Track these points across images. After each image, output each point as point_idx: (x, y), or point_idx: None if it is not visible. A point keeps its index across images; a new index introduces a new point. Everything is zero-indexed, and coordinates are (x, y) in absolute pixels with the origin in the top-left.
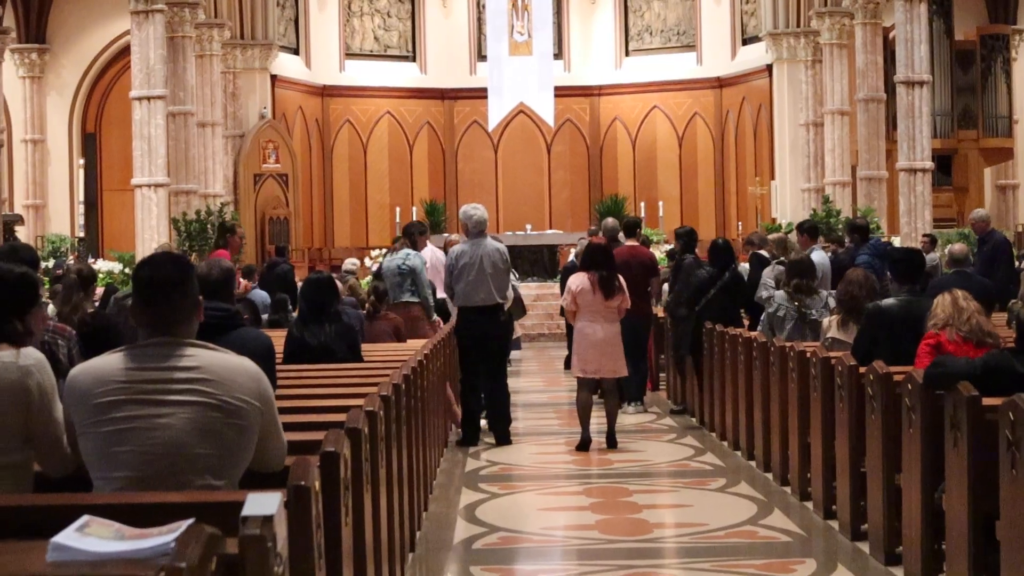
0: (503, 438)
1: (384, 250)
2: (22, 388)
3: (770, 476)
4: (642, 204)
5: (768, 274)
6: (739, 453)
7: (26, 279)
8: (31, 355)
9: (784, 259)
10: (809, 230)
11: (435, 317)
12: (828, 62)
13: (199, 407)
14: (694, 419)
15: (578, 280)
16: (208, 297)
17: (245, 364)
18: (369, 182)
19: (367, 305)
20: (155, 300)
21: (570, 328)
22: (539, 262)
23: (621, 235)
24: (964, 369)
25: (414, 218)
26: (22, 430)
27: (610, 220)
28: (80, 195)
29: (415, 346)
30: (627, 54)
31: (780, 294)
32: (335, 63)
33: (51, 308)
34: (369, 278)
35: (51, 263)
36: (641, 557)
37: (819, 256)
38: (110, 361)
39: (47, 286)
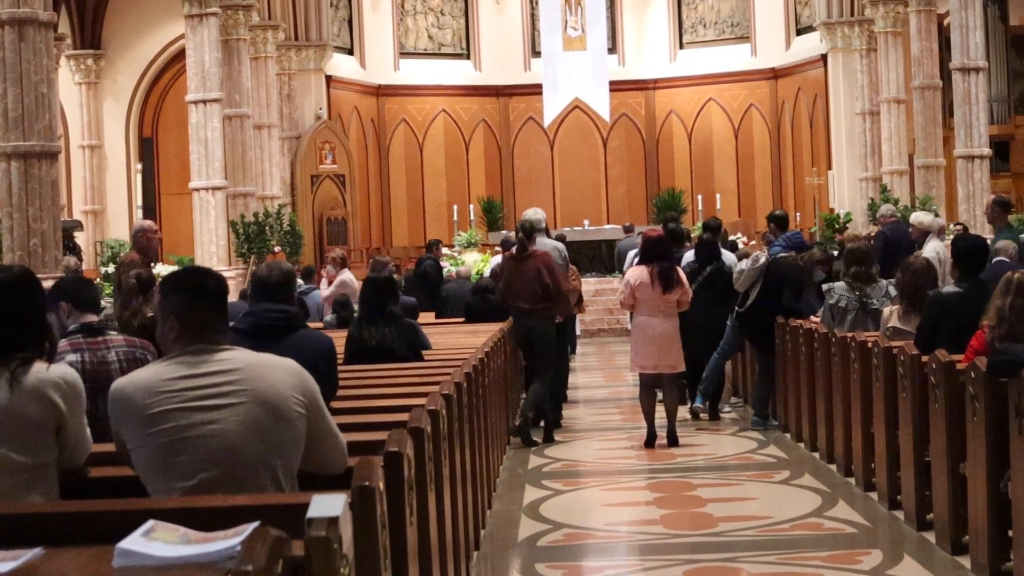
0: (547, 435)
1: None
2: (51, 401)
3: (834, 467)
4: (699, 197)
5: (735, 277)
6: (802, 445)
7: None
8: (58, 368)
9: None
10: (668, 228)
11: None
12: (883, 50)
13: (246, 407)
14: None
15: (636, 273)
16: (269, 299)
17: (285, 361)
18: (426, 181)
19: (515, 246)
20: (204, 309)
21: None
22: (597, 257)
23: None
24: None
25: (471, 216)
26: (54, 434)
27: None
28: (138, 199)
29: (476, 344)
30: (681, 47)
31: (840, 285)
32: (389, 62)
33: (110, 310)
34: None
35: (111, 268)
36: (706, 551)
37: (686, 257)
38: (154, 372)
39: (108, 292)
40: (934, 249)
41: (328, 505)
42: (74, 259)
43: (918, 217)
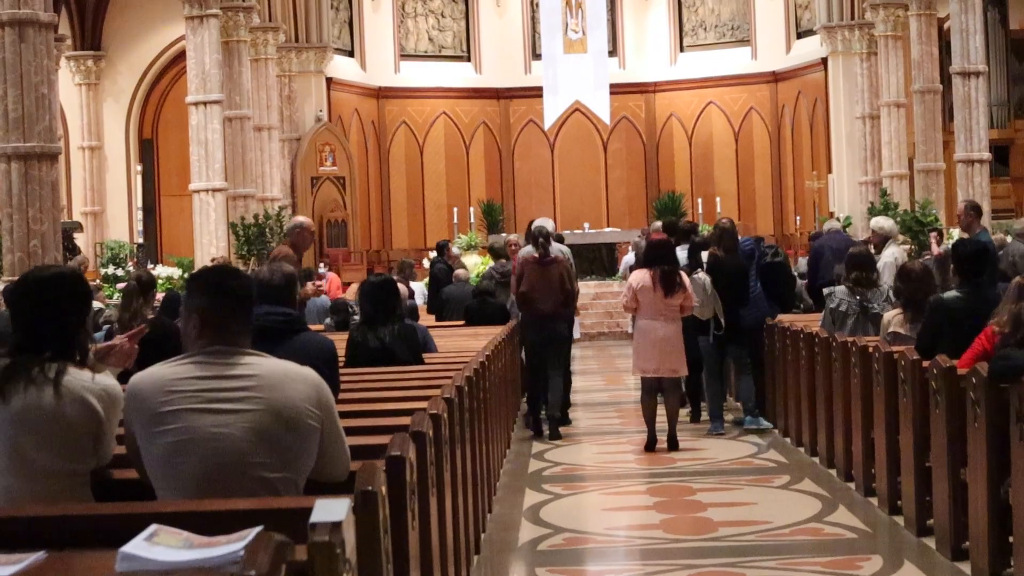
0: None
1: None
2: (93, 409)
3: (834, 472)
4: (699, 200)
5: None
6: (802, 450)
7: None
8: (103, 379)
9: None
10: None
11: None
12: (883, 54)
13: (258, 414)
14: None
15: (639, 277)
16: (271, 302)
17: (304, 371)
18: (426, 183)
19: (538, 250)
20: (226, 309)
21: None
22: (597, 260)
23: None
24: None
25: (472, 219)
26: (93, 443)
27: (658, 223)
28: (138, 201)
29: (476, 347)
30: (682, 50)
31: (841, 289)
32: (390, 64)
33: (109, 313)
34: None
35: (110, 269)
36: (706, 556)
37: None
38: (171, 370)
39: (108, 293)
40: (893, 254)
41: (331, 510)
42: (82, 256)
43: (878, 222)
